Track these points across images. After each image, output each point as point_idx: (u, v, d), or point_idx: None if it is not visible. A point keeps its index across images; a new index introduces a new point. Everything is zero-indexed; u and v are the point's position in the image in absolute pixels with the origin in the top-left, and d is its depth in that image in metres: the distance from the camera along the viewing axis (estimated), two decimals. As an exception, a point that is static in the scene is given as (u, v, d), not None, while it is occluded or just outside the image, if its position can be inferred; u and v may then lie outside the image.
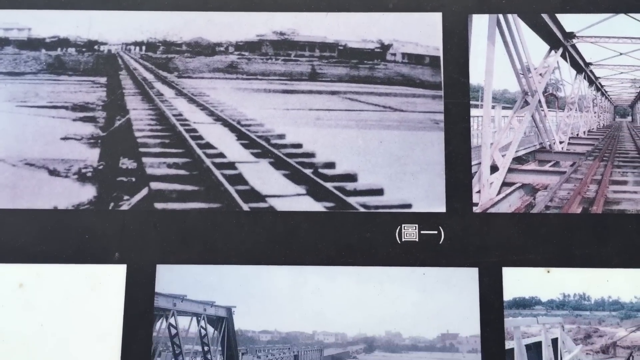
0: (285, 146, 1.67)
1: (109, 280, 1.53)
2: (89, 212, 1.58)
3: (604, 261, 1.56)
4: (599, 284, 1.57)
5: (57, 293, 1.52)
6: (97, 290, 1.52)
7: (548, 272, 1.56)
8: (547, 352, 1.75)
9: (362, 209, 1.60)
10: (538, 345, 1.74)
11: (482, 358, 1.51)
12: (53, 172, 1.62)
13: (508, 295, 1.55)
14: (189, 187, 1.62)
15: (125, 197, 1.60)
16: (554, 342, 1.76)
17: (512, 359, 1.58)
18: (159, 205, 1.59)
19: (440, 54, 1.71)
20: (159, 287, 1.54)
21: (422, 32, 1.73)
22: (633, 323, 1.61)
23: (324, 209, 1.60)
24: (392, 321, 1.56)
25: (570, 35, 1.83)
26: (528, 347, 1.69)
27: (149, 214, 1.58)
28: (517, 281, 1.56)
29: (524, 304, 1.57)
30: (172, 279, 1.55)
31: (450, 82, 1.68)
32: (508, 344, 1.54)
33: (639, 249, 1.56)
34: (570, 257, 1.56)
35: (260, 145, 1.68)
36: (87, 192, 1.60)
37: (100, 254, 1.55)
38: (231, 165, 1.66)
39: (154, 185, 1.62)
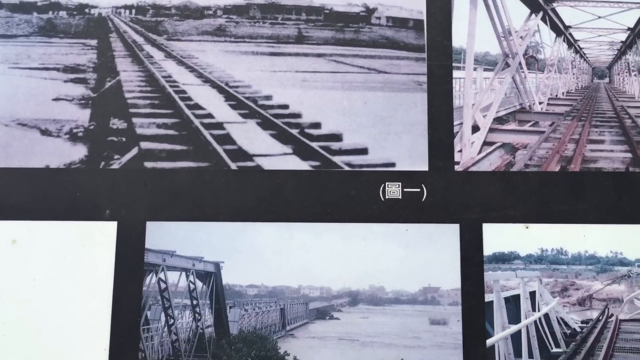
0: (272, 107, 1.67)
1: (99, 237, 1.53)
2: (80, 170, 1.58)
3: (580, 217, 1.56)
4: (575, 239, 1.57)
5: (49, 249, 1.52)
6: (88, 247, 1.52)
7: (527, 227, 1.56)
8: (525, 305, 1.76)
9: (346, 168, 1.59)
10: (516, 298, 1.75)
11: (462, 310, 1.51)
12: (45, 132, 1.61)
13: (488, 250, 1.55)
14: (178, 147, 1.61)
15: (116, 157, 1.59)
16: (532, 295, 1.77)
17: (491, 311, 1.59)
18: (148, 164, 1.59)
19: (424, 17, 1.70)
20: (148, 243, 1.54)
21: (406, -5, 1.72)
22: (608, 277, 1.62)
23: (309, 168, 1.60)
24: (375, 275, 1.56)
25: (550, -1, 1.82)
26: (507, 299, 1.70)
27: (139, 173, 1.58)
28: (497, 237, 1.56)
29: (503, 259, 1.58)
30: (162, 235, 1.55)
31: (433, 45, 1.68)
32: (488, 297, 1.54)
33: (615, 206, 1.56)
34: (549, 214, 1.56)
35: (248, 106, 1.67)
36: (78, 152, 1.60)
37: (91, 211, 1.55)
38: (219, 125, 1.65)
39: (144, 144, 1.61)
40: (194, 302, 1.68)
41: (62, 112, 1.63)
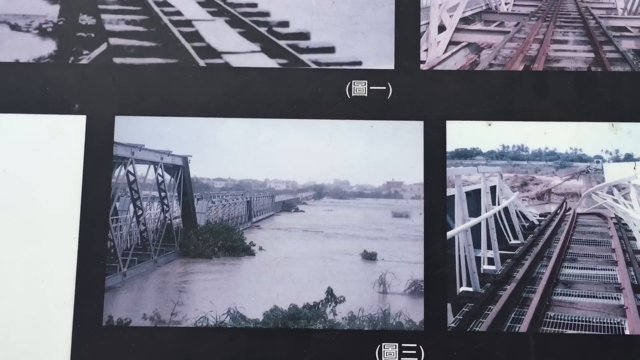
0: (240, 5, 1.62)
1: (69, 130, 1.49)
2: (50, 65, 1.53)
3: (542, 115, 1.53)
4: (536, 136, 1.54)
5: (19, 141, 1.49)
6: (58, 140, 1.49)
7: (489, 125, 1.53)
8: (485, 199, 1.75)
9: (314, 66, 1.55)
10: (477, 192, 1.74)
11: (424, 204, 1.49)
12: (14, 27, 1.56)
13: (451, 146, 1.52)
14: (147, 43, 1.56)
15: (85, 52, 1.55)
16: (493, 189, 1.75)
17: (452, 205, 1.58)
18: (117, 60, 1.54)
19: None
20: (117, 137, 1.50)
21: None
22: (567, 172, 1.60)
23: (277, 66, 1.55)
24: (340, 170, 1.53)
25: None
26: (468, 194, 1.69)
27: (108, 68, 1.54)
28: (460, 133, 1.53)
29: (466, 155, 1.55)
30: (130, 129, 1.51)
31: (402, -55, 1.61)
32: (449, 191, 1.52)
33: (576, 104, 1.53)
34: (511, 111, 1.53)
35: (216, 4, 1.62)
36: (47, 47, 1.55)
37: (61, 105, 1.51)
38: (188, 22, 1.60)
39: (113, 40, 1.57)
40: (162, 194, 1.66)
41: (32, 8, 1.58)
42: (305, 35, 1.59)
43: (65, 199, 1.46)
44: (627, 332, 1.48)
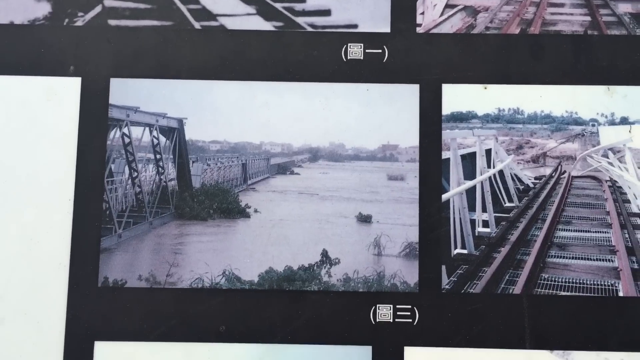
0: (236, -33, 1.59)
1: (64, 92, 1.48)
2: (45, 27, 1.52)
3: (538, 78, 1.52)
4: (532, 99, 1.53)
5: (14, 103, 1.47)
6: (53, 101, 1.47)
7: (485, 88, 1.52)
8: (480, 162, 1.74)
9: (309, 29, 1.53)
10: (472, 155, 1.73)
11: (419, 167, 1.48)
12: (8, -11, 1.54)
13: (446, 109, 1.51)
14: (142, 5, 1.55)
15: (80, 14, 1.53)
16: (488, 152, 1.74)
17: (447, 167, 1.56)
18: (112, 22, 1.52)
19: None
20: (112, 99, 1.49)
21: None
22: (563, 135, 1.58)
23: (273, 28, 1.53)
24: (335, 133, 1.52)
25: None
26: (463, 157, 1.68)
27: (103, 30, 1.52)
28: (456, 97, 1.51)
29: (461, 118, 1.54)
30: (126, 91, 1.50)
31: None
32: (444, 154, 1.51)
33: (572, 67, 1.51)
34: (507, 75, 1.52)
35: (212, -34, 1.60)
36: (42, 8, 1.53)
37: (56, 67, 1.49)
38: (183, -16, 1.58)
39: (108, 2, 1.55)
40: (158, 156, 1.65)
41: (26, -31, 1.56)
42: (301, -2, 1.57)
43: (60, 161, 1.45)
44: (620, 294, 1.48)
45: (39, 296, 1.40)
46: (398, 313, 1.41)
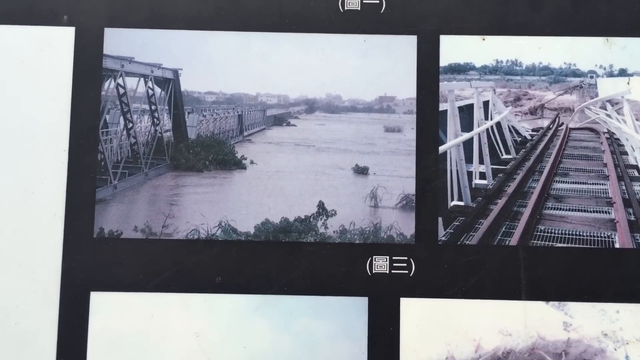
0: None
1: (57, 42, 1.44)
2: (37, -24, 1.48)
3: (537, 29, 1.49)
4: (531, 51, 1.50)
5: (7, 53, 1.44)
6: (47, 51, 1.44)
7: (483, 39, 1.49)
8: (478, 113, 1.71)
9: (306, -21, 1.50)
10: (470, 107, 1.70)
11: (417, 119, 1.45)
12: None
13: (444, 61, 1.48)
14: (136, -46, 1.50)
15: (73, -37, 1.49)
16: (486, 104, 1.72)
17: (445, 119, 1.54)
18: (106, -29, 1.49)
19: None
20: (107, 49, 1.46)
21: None
22: (561, 87, 1.56)
23: (269, -22, 1.50)
24: (332, 84, 1.49)
25: None
26: (460, 108, 1.65)
27: (96, -21, 1.48)
28: (453, 48, 1.48)
29: (459, 70, 1.51)
30: (120, 41, 1.46)
31: None
32: (442, 106, 1.48)
33: (571, 18, 1.49)
34: (505, 26, 1.49)
35: None
36: (34, -43, 1.49)
37: (49, 17, 1.46)
38: None
39: (101, -49, 1.50)
40: (153, 107, 1.62)
41: None
42: (297, -53, 1.53)
43: (54, 111, 1.42)
44: (617, 245, 1.46)
45: (35, 247, 1.38)
46: (394, 264, 1.39)
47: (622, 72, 1.52)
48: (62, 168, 1.41)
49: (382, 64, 1.48)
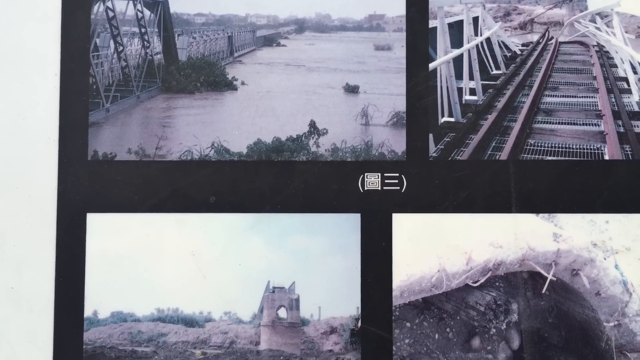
0: None
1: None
2: None
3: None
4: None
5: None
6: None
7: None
8: (467, 30, 1.68)
9: None
10: (460, 23, 1.67)
11: (406, 36, 1.41)
12: None
13: (434, -17, 1.44)
14: None
15: None
16: (475, 20, 1.68)
17: (434, 36, 1.51)
18: None
19: None
20: (94, -27, 1.42)
21: None
22: (550, 1, 1.52)
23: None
24: (321, 3, 1.46)
25: None
26: (450, 25, 1.62)
27: None
28: None
29: None
30: (107, -35, 1.42)
31: None
32: (432, 23, 1.45)
33: None
34: (495, -60, 1.44)
35: None
36: None
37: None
38: None
39: None
40: (142, 30, 1.58)
41: None
42: None
43: (44, 35, 1.38)
44: (606, 157, 1.45)
45: (29, 170, 1.36)
46: (386, 181, 1.37)
47: (612, -15, 1.49)
48: (54, 92, 1.38)
49: (371, -18, 1.45)
